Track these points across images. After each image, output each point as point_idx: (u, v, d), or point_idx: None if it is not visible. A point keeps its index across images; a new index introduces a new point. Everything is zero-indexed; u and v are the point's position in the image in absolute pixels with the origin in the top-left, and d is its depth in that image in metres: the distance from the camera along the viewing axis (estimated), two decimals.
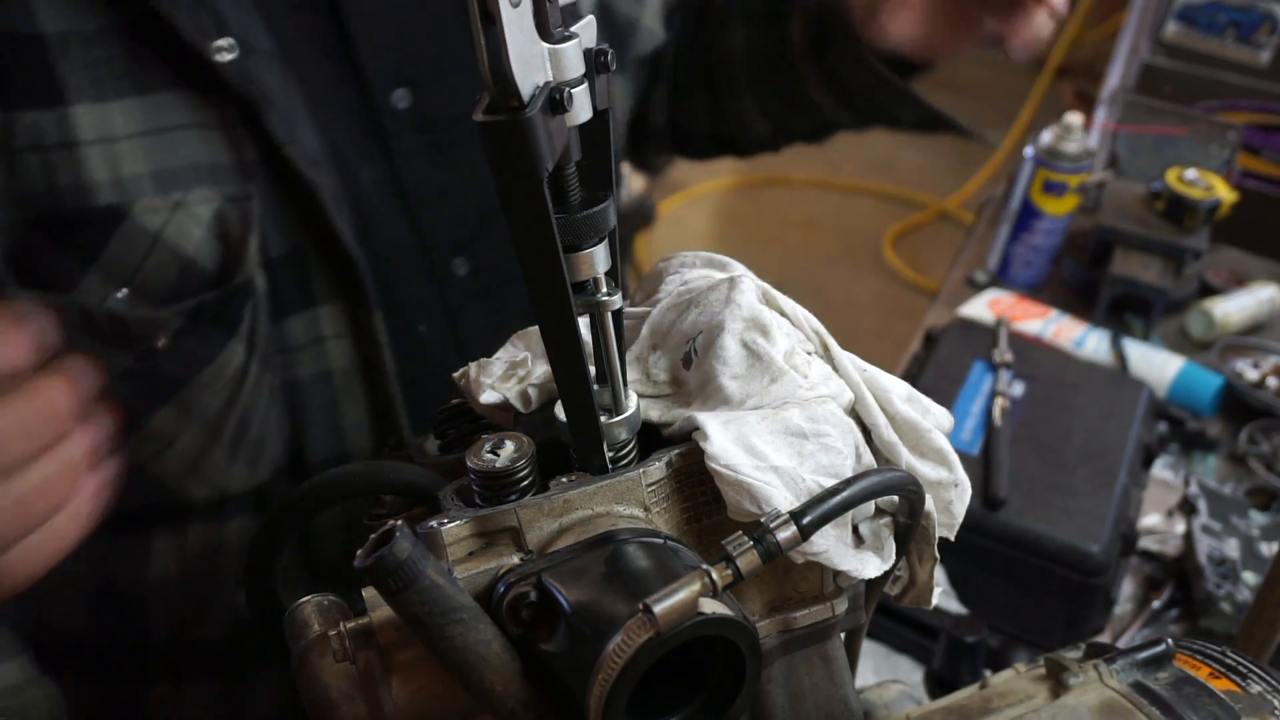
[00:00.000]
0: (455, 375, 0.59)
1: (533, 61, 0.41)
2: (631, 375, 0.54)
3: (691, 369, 0.53)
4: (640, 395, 0.53)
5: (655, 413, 0.53)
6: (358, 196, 0.77)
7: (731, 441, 0.48)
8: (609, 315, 0.48)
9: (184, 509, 0.78)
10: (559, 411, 0.50)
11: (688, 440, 0.51)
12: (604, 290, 0.48)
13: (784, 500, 0.47)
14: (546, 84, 0.42)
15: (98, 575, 0.79)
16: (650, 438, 0.52)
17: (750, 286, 0.54)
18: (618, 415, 0.50)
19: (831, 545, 0.48)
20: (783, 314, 0.54)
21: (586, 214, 0.45)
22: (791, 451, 0.49)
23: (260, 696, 0.84)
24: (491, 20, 0.38)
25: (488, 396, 0.55)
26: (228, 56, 0.68)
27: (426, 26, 0.80)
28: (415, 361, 0.83)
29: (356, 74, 0.77)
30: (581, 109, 0.44)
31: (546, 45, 0.42)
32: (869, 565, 0.50)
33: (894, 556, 0.51)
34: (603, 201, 0.46)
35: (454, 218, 0.84)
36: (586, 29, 0.44)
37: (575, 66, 0.43)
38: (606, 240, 0.47)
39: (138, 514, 0.77)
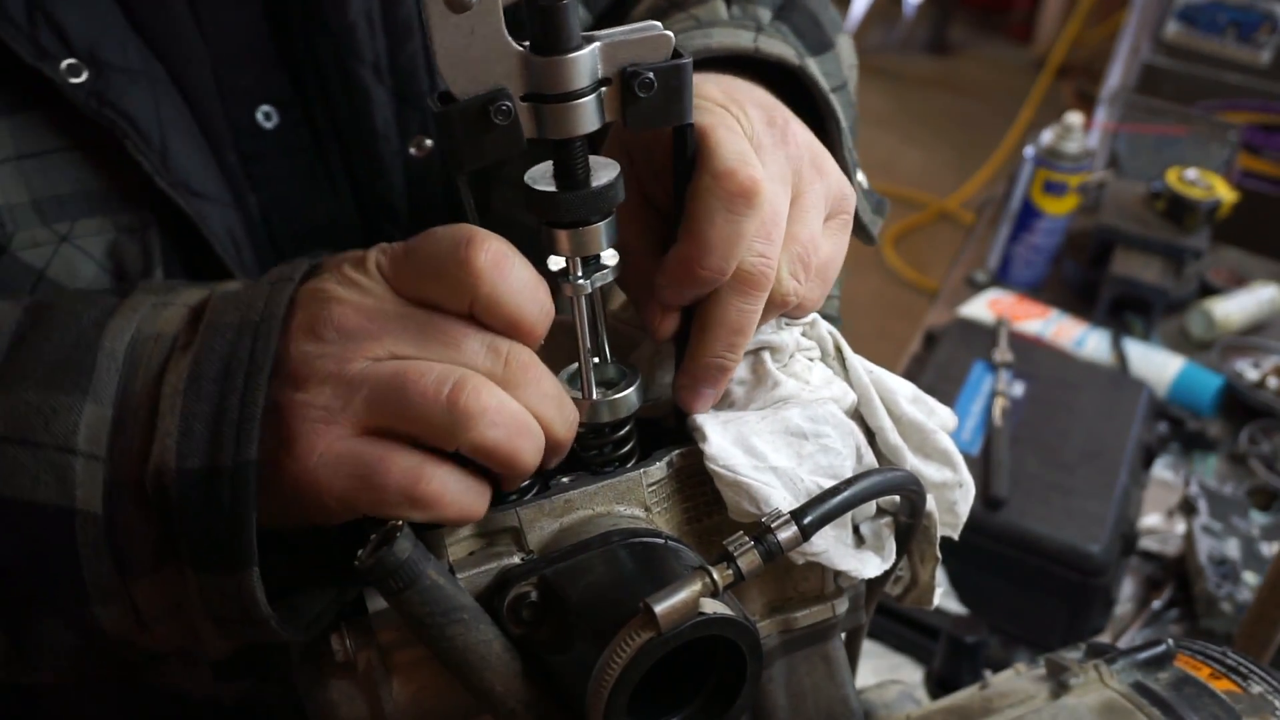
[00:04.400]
0: None
1: (483, 65, 0.42)
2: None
3: None
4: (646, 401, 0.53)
5: (650, 404, 0.53)
6: (252, 227, 0.70)
7: (730, 442, 0.48)
8: (582, 299, 0.48)
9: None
10: None
11: (689, 440, 0.51)
12: (578, 274, 0.47)
13: (783, 500, 0.47)
14: (496, 90, 0.42)
15: None
16: (651, 437, 0.52)
17: None
18: (585, 397, 0.49)
19: (831, 545, 0.48)
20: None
21: (591, 190, 0.46)
22: (790, 452, 0.49)
23: None
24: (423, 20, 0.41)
25: None
26: (78, 80, 0.60)
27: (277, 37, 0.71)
28: None
29: (221, 94, 0.68)
30: (567, 121, 0.44)
31: (520, 50, 0.42)
32: (869, 565, 0.50)
33: (894, 556, 0.51)
34: (607, 179, 0.46)
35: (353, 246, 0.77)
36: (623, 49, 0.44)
37: (564, 81, 0.43)
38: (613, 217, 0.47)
39: None
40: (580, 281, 0.47)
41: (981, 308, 1.49)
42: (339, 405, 0.44)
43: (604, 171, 0.46)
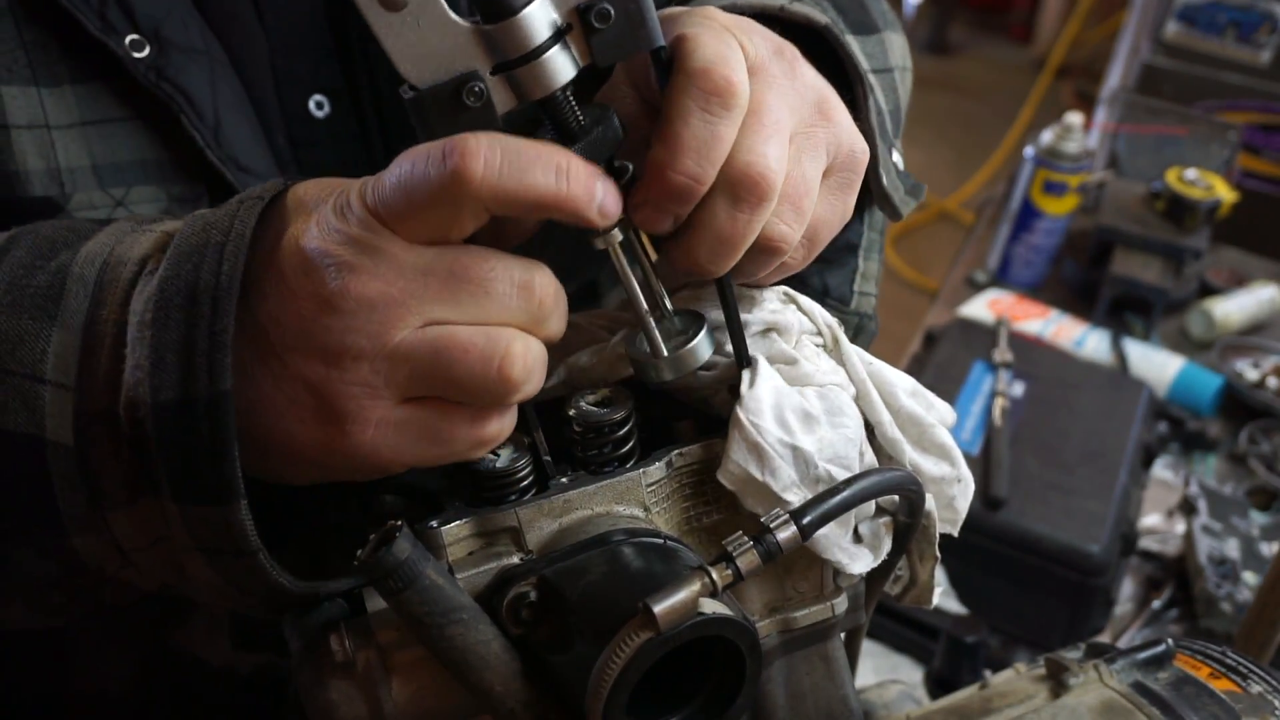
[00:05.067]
0: None
1: (440, 53, 0.42)
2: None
3: None
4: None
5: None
6: None
7: (769, 403, 0.48)
8: (616, 248, 0.47)
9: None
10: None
11: (695, 436, 0.51)
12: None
13: (787, 478, 0.47)
14: (465, 73, 0.42)
15: (28, 620, 0.76)
16: (652, 437, 0.52)
17: (770, 296, 0.54)
18: (655, 356, 0.48)
19: (827, 532, 0.48)
20: (800, 308, 0.54)
21: (589, 139, 0.45)
22: (814, 437, 0.49)
23: None
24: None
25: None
26: (140, 55, 0.63)
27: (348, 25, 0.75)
28: None
29: (276, 80, 0.72)
30: (541, 78, 0.43)
31: (471, 25, 0.42)
32: (859, 560, 0.50)
33: (886, 554, 0.51)
34: (601, 122, 0.45)
35: None
36: None
37: (522, 41, 0.42)
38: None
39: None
40: (610, 233, 0.46)
41: (981, 308, 1.49)
42: (381, 381, 0.43)
43: (597, 115, 0.45)
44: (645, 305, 0.48)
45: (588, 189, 0.43)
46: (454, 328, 0.43)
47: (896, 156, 0.66)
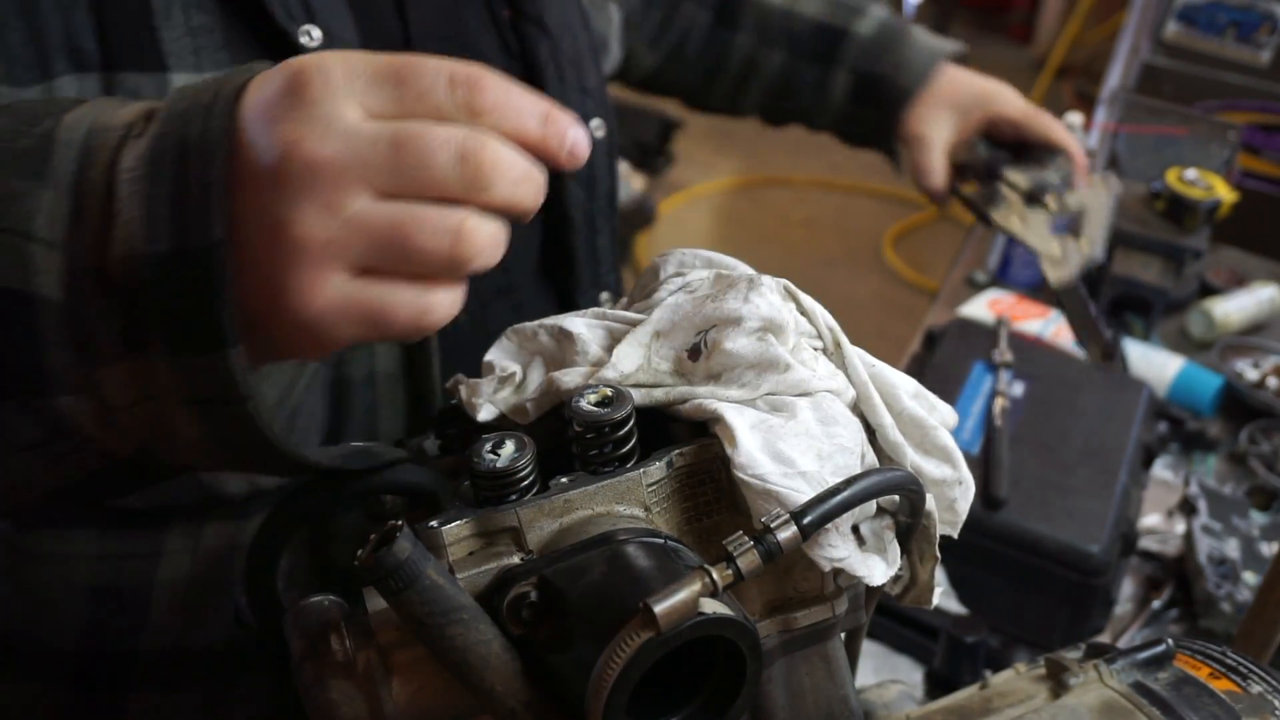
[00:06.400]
0: (448, 384, 0.59)
1: None
2: (633, 362, 0.53)
3: (699, 360, 0.53)
4: (638, 385, 0.53)
5: (660, 393, 0.53)
6: None
7: (759, 449, 0.48)
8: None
9: (208, 504, 0.77)
10: None
11: (692, 437, 0.51)
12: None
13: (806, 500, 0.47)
14: None
15: (103, 575, 0.77)
16: (651, 437, 0.52)
17: (772, 286, 0.54)
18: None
19: (852, 552, 0.48)
20: (801, 309, 0.54)
21: None
22: (813, 455, 0.49)
23: (244, 707, 0.83)
24: None
25: (485, 414, 0.56)
26: (313, 44, 0.69)
27: (470, 50, 0.83)
28: (449, 360, 0.83)
29: None
30: None
31: None
32: (876, 571, 0.50)
33: (899, 559, 0.51)
34: None
35: None
36: None
37: None
38: None
39: (159, 510, 0.76)
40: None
41: (981, 308, 1.49)
42: (334, 250, 0.44)
43: None
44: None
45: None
46: (410, 204, 0.45)
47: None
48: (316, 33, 0.69)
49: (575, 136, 0.48)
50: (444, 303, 0.47)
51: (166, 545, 0.77)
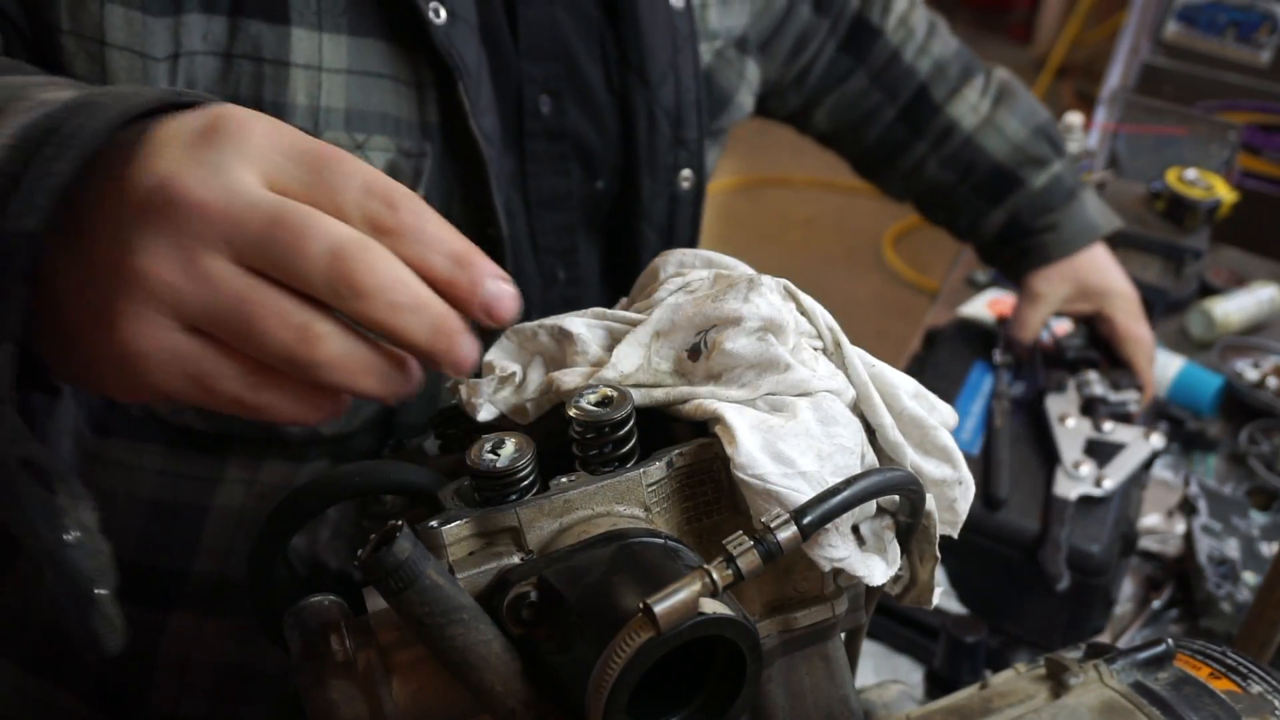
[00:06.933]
0: (447, 385, 0.59)
1: None
2: (633, 362, 0.53)
3: (699, 360, 0.53)
4: (638, 385, 0.53)
5: (660, 393, 0.53)
6: (499, 182, 0.80)
7: (758, 448, 0.48)
8: None
9: (270, 443, 0.79)
10: None
11: (693, 436, 0.51)
12: None
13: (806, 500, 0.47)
14: None
15: (164, 491, 0.79)
16: (651, 437, 0.52)
17: (772, 286, 0.54)
18: None
19: (852, 552, 0.48)
20: (801, 309, 0.54)
21: None
22: (813, 454, 0.49)
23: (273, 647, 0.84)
24: None
25: (485, 414, 0.56)
26: (438, 20, 0.71)
27: (573, 48, 0.85)
28: None
29: (516, 70, 0.82)
30: None
31: None
32: (876, 571, 0.50)
33: (899, 560, 0.51)
34: None
35: (560, 225, 0.88)
36: None
37: None
38: None
39: (222, 436, 0.78)
40: None
41: (981, 308, 1.49)
42: (176, 297, 0.41)
43: None
44: None
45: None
46: (266, 284, 0.42)
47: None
48: (444, 12, 0.72)
49: (494, 292, 0.44)
50: (277, 404, 0.44)
51: (226, 473, 0.79)
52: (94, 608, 0.43)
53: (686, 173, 0.93)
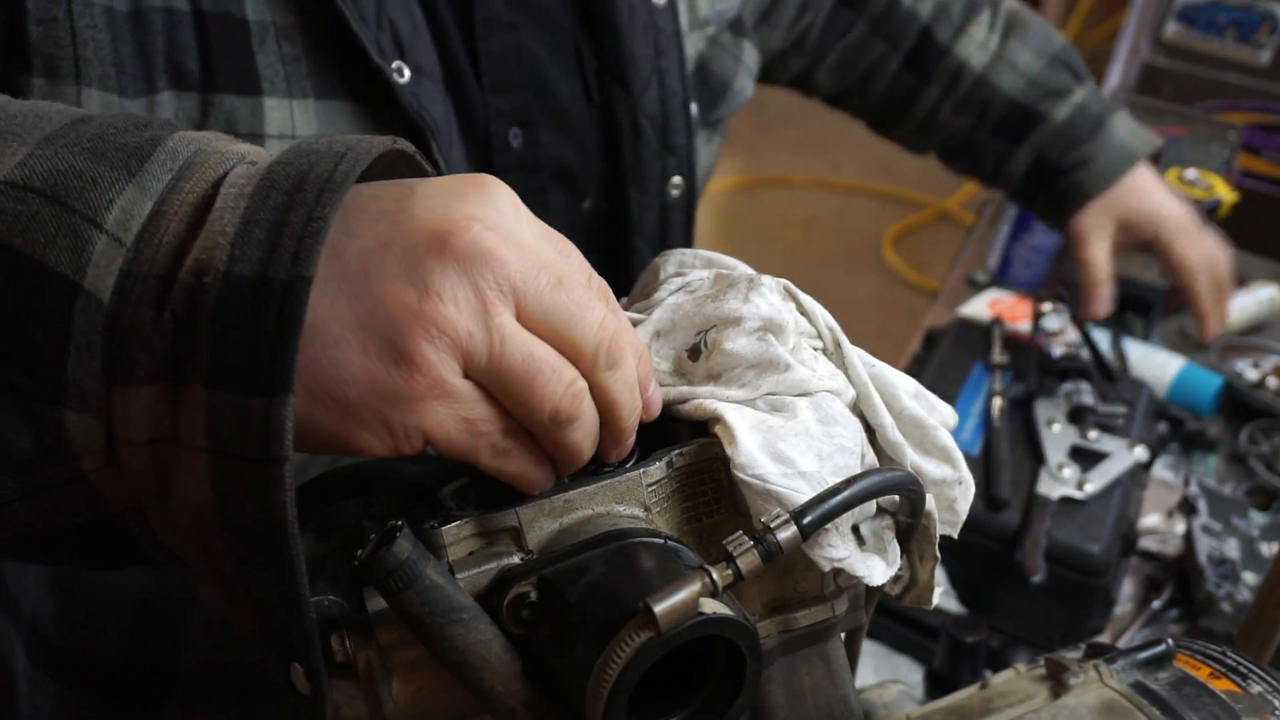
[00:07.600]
0: None
1: None
2: None
3: (699, 360, 0.53)
4: None
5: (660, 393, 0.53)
6: None
7: (758, 448, 0.48)
8: None
9: None
10: None
11: (693, 436, 0.51)
12: None
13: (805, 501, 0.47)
14: None
15: (147, 589, 0.77)
16: (651, 437, 0.52)
17: (772, 286, 0.54)
18: None
19: (852, 552, 0.48)
20: (801, 309, 0.54)
21: None
22: (813, 454, 0.49)
23: None
24: None
25: None
26: (403, 80, 0.69)
27: (544, 71, 0.83)
28: None
29: (482, 108, 0.80)
30: None
31: None
32: (876, 571, 0.50)
33: (899, 560, 0.51)
34: None
35: None
36: None
37: None
38: None
39: None
40: None
41: (981, 308, 1.49)
42: (467, 344, 0.42)
43: None
44: None
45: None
46: (546, 344, 0.44)
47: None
48: (407, 71, 0.69)
49: (653, 400, 0.51)
50: (520, 458, 0.46)
51: None
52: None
53: (676, 180, 0.91)
